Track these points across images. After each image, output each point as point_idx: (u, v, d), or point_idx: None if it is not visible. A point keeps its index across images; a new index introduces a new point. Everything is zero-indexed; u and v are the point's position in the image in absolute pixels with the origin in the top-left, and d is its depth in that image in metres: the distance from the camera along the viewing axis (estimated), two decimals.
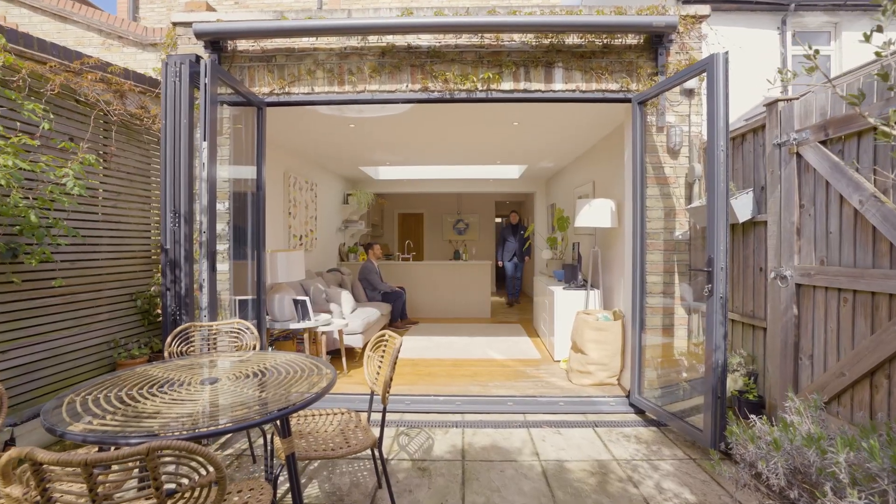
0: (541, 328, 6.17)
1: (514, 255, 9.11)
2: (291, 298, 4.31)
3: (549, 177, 9.11)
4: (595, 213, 4.54)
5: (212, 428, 1.42)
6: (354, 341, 5.11)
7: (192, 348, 2.74)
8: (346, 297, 5.52)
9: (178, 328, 2.68)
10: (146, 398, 1.74)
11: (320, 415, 2.43)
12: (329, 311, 5.03)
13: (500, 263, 9.35)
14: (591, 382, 4.14)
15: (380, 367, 2.36)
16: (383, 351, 2.39)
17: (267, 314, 4.32)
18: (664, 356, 3.70)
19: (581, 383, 4.18)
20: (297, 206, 6.28)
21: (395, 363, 2.18)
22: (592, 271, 5.06)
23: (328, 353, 5.01)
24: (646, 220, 3.68)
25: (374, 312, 5.78)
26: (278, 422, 1.78)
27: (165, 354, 2.59)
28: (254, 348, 2.77)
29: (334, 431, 2.25)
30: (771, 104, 2.72)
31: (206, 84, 3.04)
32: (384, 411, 2.25)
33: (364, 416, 2.42)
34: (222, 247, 3.77)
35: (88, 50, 5.04)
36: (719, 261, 2.81)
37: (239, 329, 2.84)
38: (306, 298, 4.29)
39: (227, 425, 1.46)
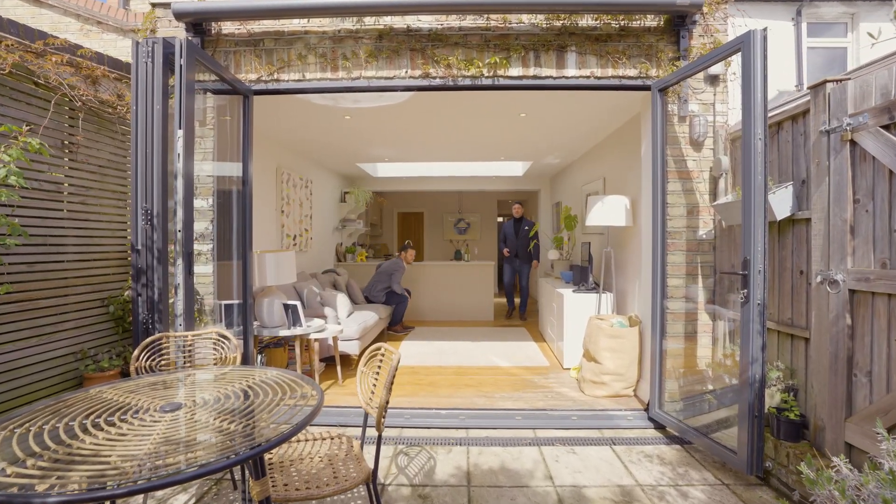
0: (548, 333, 5.85)
1: (515, 255, 7.61)
2: (281, 303, 3.99)
3: (555, 174, 8.78)
4: (608, 211, 4.22)
5: (148, 482, 1.11)
6: (350, 348, 4.79)
7: (165, 361, 2.43)
8: (342, 300, 5.20)
9: (147, 340, 2.36)
10: (88, 432, 1.43)
11: (306, 440, 2.12)
12: (324, 316, 4.71)
13: (506, 252, 7.67)
14: (606, 394, 3.83)
15: (374, 384, 2.05)
16: (378, 366, 2.08)
17: (256, 320, 4.01)
18: (686, 366, 3.38)
19: (594, 395, 3.87)
20: (290, 203, 5.96)
21: (391, 384, 1.86)
22: (605, 273, 4.74)
23: (322, 360, 4.69)
24: (667, 218, 3.38)
25: (371, 316, 5.46)
26: (249, 461, 1.47)
27: (132, 370, 2.27)
28: (234, 361, 2.46)
29: (321, 462, 1.94)
30: (817, 86, 2.40)
31: (181, 66, 2.72)
32: (379, 439, 1.93)
33: (357, 442, 2.10)
34: (206, 247, 3.45)
35: (65, 36, 4.71)
36: (756, 263, 2.50)
37: (218, 339, 2.53)
38: (297, 303, 3.97)
39: (174, 476, 1.14)
